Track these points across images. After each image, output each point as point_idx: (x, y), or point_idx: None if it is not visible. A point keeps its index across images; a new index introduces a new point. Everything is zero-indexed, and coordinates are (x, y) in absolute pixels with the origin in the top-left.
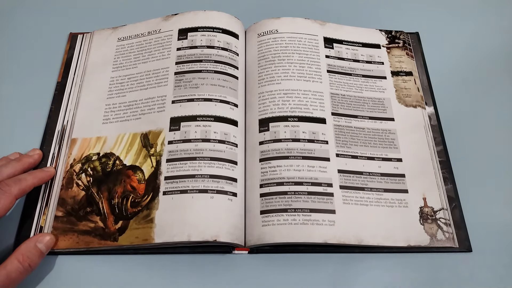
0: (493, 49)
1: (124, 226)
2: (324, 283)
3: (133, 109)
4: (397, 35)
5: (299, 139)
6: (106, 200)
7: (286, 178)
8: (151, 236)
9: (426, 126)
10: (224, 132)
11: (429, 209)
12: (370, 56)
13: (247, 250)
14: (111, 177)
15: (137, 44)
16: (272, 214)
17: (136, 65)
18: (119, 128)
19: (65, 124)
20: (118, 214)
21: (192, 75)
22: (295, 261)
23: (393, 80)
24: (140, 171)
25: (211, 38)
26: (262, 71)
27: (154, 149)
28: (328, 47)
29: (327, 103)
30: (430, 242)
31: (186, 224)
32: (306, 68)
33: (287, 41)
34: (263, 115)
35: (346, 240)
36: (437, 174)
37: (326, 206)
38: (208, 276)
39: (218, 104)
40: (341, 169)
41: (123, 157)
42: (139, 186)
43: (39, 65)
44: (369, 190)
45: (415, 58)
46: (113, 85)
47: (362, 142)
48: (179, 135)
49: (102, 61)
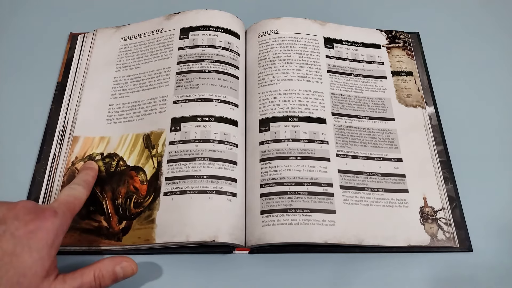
0: (493, 48)
1: (128, 227)
2: (324, 283)
3: (136, 109)
4: (397, 35)
5: (300, 139)
6: (110, 200)
7: (287, 178)
8: (152, 236)
9: (427, 126)
10: (224, 133)
11: (430, 209)
12: (370, 56)
13: (248, 250)
14: (114, 177)
15: (140, 44)
16: (273, 214)
17: (139, 65)
18: (122, 129)
19: (65, 124)
20: (121, 214)
21: (193, 75)
22: (296, 261)
23: (393, 80)
24: (143, 172)
25: (212, 37)
26: (262, 71)
27: (155, 150)
28: (328, 47)
29: (327, 103)
30: (431, 242)
31: (185, 225)
32: (306, 68)
33: (287, 41)
34: (264, 115)
35: (347, 240)
36: (438, 174)
37: (327, 206)
38: (208, 276)
39: (218, 104)
40: (341, 169)
41: (126, 157)
42: (142, 187)
43: (39, 65)
44: (370, 190)
45: (416, 58)
46: (117, 85)
47: (362, 142)
48: (179, 136)
49: (106, 60)
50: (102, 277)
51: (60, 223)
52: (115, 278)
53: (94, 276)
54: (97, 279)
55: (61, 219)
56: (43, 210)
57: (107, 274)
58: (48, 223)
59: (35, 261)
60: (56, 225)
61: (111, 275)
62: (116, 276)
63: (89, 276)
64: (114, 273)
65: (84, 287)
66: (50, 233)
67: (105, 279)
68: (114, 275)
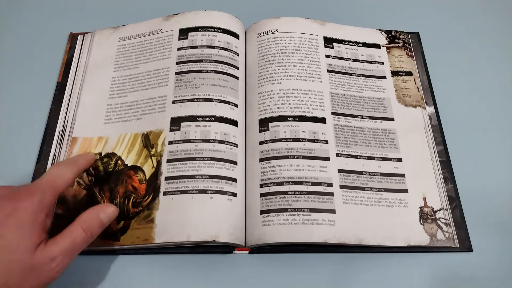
0: (493, 47)
1: (126, 226)
2: (324, 283)
3: (135, 109)
4: (397, 35)
5: (299, 138)
6: (108, 200)
7: (286, 178)
8: (152, 236)
9: (426, 126)
10: (224, 132)
11: (429, 209)
12: (370, 56)
13: (248, 250)
14: (112, 177)
15: (138, 44)
16: (272, 214)
17: (138, 65)
18: (120, 129)
19: (65, 124)
20: (120, 214)
21: (192, 75)
22: (295, 261)
23: (393, 80)
24: (141, 172)
25: (211, 38)
26: (262, 71)
27: (154, 150)
28: (328, 47)
29: (327, 102)
30: (430, 242)
31: (185, 225)
32: (306, 68)
33: (287, 41)
34: (263, 115)
35: (346, 240)
36: (437, 174)
37: (326, 205)
38: (208, 276)
39: (218, 104)
40: (341, 169)
41: (124, 157)
42: (140, 187)
43: (39, 65)
44: (369, 190)
45: (415, 58)
46: (115, 85)
47: (362, 141)
48: (179, 135)
49: (104, 60)
50: (90, 227)
51: (38, 200)
52: (102, 225)
53: (82, 229)
54: (87, 231)
55: (40, 196)
56: (17, 193)
57: (94, 224)
58: (25, 203)
59: (21, 238)
60: (35, 203)
61: (97, 223)
62: (103, 222)
63: (78, 230)
64: (100, 220)
65: (77, 240)
66: (28, 211)
67: (94, 228)
68: (100, 222)
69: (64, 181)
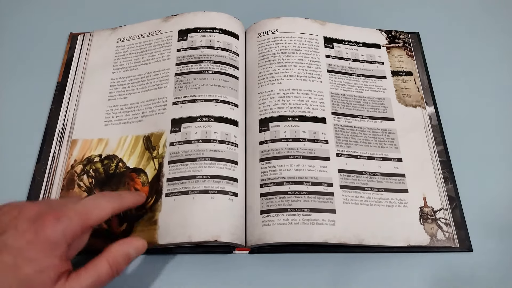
0: (493, 47)
1: (129, 229)
2: (324, 283)
3: (135, 111)
4: (397, 35)
5: (299, 138)
6: None
7: (286, 178)
8: (155, 238)
9: (426, 126)
10: (225, 133)
11: (429, 209)
12: (370, 56)
13: (248, 250)
14: (114, 179)
15: (137, 45)
16: (272, 214)
17: (137, 67)
18: (121, 130)
19: (65, 124)
20: (122, 216)
21: (192, 76)
22: (295, 261)
23: (393, 80)
24: (144, 174)
25: (211, 38)
26: (262, 71)
27: (156, 151)
28: (328, 47)
29: (327, 102)
30: (430, 242)
31: (187, 225)
32: (306, 68)
33: (287, 41)
34: (263, 115)
35: (347, 240)
36: (437, 174)
37: (327, 205)
38: (209, 276)
39: (218, 104)
40: (341, 169)
41: (126, 159)
42: (143, 189)
43: (39, 65)
44: (369, 190)
45: (415, 58)
46: (114, 87)
47: (362, 141)
48: (180, 137)
49: (102, 62)
50: (117, 263)
51: (63, 228)
52: (129, 260)
53: (109, 264)
54: (113, 267)
55: (65, 224)
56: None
57: (121, 259)
58: (47, 231)
59: (38, 271)
60: (59, 232)
61: (125, 259)
62: (131, 258)
63: (104, 265)
64: (128, 255)
65: (102, 277)
66: (49, 241)
67: (121, 264)
68: (129, 258)
69: (98, 215)
